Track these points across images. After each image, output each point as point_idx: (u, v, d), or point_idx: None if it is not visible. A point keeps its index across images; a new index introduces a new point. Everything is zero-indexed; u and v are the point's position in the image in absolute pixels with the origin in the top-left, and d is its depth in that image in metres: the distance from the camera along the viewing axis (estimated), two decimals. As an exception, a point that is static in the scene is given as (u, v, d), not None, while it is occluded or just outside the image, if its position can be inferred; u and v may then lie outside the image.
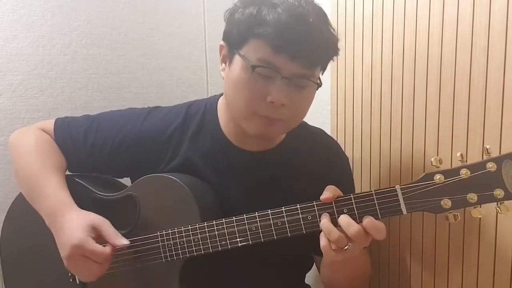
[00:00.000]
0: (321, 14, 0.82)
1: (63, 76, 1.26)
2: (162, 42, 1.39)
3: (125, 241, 0.85)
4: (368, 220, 0.72)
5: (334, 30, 0.83)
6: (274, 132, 0.87)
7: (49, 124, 0.99)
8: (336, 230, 0.73)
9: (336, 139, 1.19)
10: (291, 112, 0.83)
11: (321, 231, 0.76)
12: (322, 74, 0.85)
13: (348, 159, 1.03)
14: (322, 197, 0.76)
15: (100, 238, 0.84)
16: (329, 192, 0.76)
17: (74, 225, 0.84)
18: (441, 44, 0.88)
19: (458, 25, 0.84)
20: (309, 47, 0.78)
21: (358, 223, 0.73)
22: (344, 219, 0.73)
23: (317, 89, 0.85)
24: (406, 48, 0.96)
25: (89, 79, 1.30)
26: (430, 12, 0.90)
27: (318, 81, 0.83)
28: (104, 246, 0.83)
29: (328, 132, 1.21)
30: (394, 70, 0.99)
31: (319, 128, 1.03)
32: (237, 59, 0.82)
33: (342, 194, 0.76)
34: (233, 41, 0.83)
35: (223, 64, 0.88)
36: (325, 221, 0.74)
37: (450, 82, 0.87)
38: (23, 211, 0.98)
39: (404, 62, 0.97)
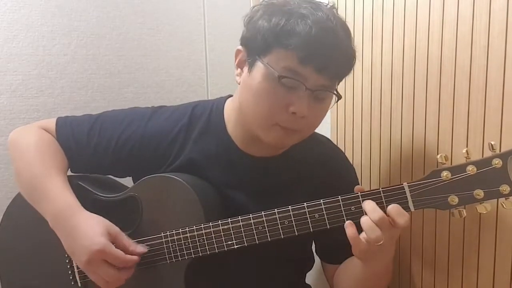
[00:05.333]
0: (347, 29, 0.82)
1: (63, 76, 1.26)
2: (162, 42, 1.39)
3: (143, 249, 0.86)
4: (392, 205, 0.73)
5: (353, 43, 0.84)
6: (290, 142, 0.87)
7: (51, 124, 0.98)
8: (380, 210, 0.73)
9: (336, 139, 1.19)
10: (309, 123, 0.83)
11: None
12: (338, 85, 0.86)
13: (354, 169, 1.02)
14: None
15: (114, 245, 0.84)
16: None
17: (91, 230, 0.83)
18: (441, 43, 0.88)
19: (458, 25, 0.84)
20: (335, 60, 0.79)
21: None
22: (369, 205, 0.74)
23: (337, 101, 0.84)
24: (406, 48, 0.96)
25: (89, 79, 1.30)
26: (430, 11, 0.90)
27: (338, 93, 0.84)
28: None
29: (328, 132, 1.21)
30: (394, 69, 0.99)
31: (324, 136, 1.02)
32: (259, 67, 0.80)
33: None
34: (256, 48, 0.81)
35: (239, 69, 0.87)
36: (369, 202, 0.74)
37: (450, 81, 0.87)
38: (21, 212, 0.98)
39: (404, 61, 0.97)
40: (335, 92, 0.83)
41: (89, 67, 1.29)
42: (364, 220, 0.73)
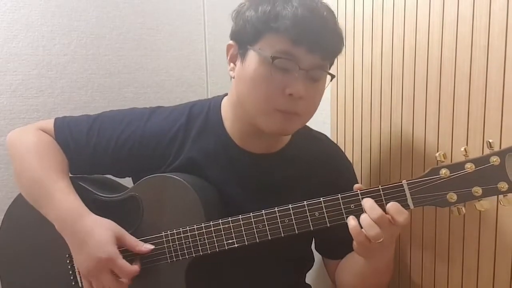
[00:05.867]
0: (331, 11, 0.84)
1: (63, 76, 1.26)
2: (162, 42, 1.39)
3: (150, 246, 0.86)
4: (391, 203, 0.73)
5: (339, 24, 0.86)
6: (290, 128, 0.87)
7: (49, 124, 0.98)
8: (378, 208, 0.73)
9: (336, 139, 1.20)
10: (307, 105, 0.84)
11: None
12: (329, 68, 0.87)
13: (352, 166, 1.03)
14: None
15: (120, 247, 0.84)
16: None
17: (98, 237, 0.83)
18: (441, 43, 0.88)
19: (458, 25, 0.84)
20: (325, 39, 0.81)
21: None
22: (367, 203, 0.74)
23: (331, 80, 0.86)
24: (406, 48, 0.96)
25: (89, 79, 1.30)
26: (430, 12, 0.90)
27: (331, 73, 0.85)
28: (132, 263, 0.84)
29: (328, 132, 1.22)
30: (394, 69, 1.00)
31: (322, 133, 1.03)
32: (252, 55, 0.82)
33: None
34: (246, 38, 0.83)
35: (232, 64, 0.88)
36: (367, 199, 0.74)
37: (450, 82, 0.87)
38: (22, 212, 0.98)
39: (404, 62, 0.97)
40: (328, 71, 0.85)
41: (89, 67, 1.29)
42: (363, 218, 0.73)
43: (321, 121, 1.23)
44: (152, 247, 0.86)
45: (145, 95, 1.38)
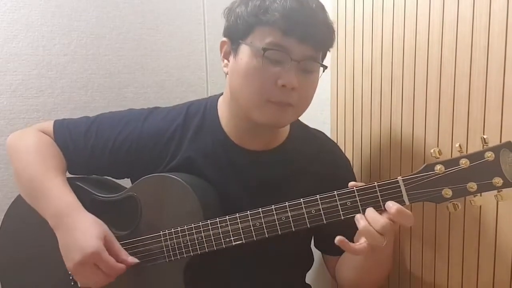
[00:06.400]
0: (320, 4, 0.85)
1: (63, 76, 1.26)
2: (162, 42, 1.39)
3: (135, 260, 0.86)
4: (395, 209, 0.72)
5: (330, 17, 0.87)
6: (285, 119, 0.87)
7: (48, 126, 0.99)
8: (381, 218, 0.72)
9: (336, 139, 1.20)
10: (300, 96, 0.84)
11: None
12: (322, 60, 0.88)
13: (350, 162, 1.03)
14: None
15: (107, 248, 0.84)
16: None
17: (88, 231, 0.83)
18: (441, 44, 0.88)
19: (458, 25, 0.84)
20: (315, 30, 0.82)
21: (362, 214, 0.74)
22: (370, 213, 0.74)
23: (323, 71, 0.87)
24: (406, 48, 0.96)
25: (89, 79, 1.30)
26: (430, 12, 0.90)
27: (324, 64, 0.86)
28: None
29: (328, 132, 1.22)
30: (394, 70, 0.99)
31: (319, 131, 1.03)
32: (244, 49, 0.83)
33: None
34: (238, 33, 0.84)
35: (225, 60, 0.89)
36: (370, 210, 0.74)
37: (450, 82, 0.87)
38: (22, 213, 0.98)
39: (404, 62, 0.97)
40: (320, 62, 0.86)
41: (89, 67, 1.29)
42: (364, 228, 0.73)
43: (321, 121, 1.23)
44: (136, 261, 0.86)
45: (145, 95, 1.38)
